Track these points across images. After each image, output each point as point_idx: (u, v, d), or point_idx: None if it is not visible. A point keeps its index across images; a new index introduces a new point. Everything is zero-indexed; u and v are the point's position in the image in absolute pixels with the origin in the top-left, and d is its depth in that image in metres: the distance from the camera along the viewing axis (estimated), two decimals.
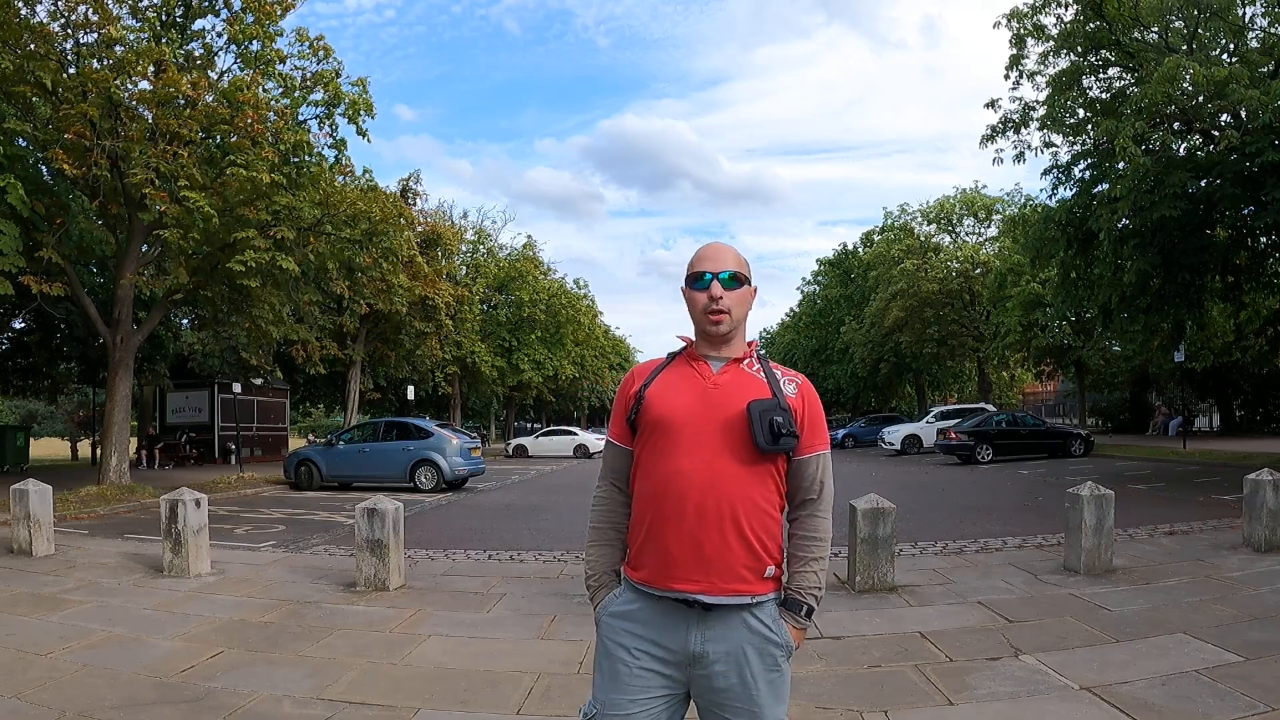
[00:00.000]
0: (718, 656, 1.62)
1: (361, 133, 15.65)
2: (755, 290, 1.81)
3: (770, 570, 1.66)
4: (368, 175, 19.75)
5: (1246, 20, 13.95)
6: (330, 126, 15.41)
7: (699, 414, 1.66)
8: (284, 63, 14.65)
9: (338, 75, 15.06)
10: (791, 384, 1.75)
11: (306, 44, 14.87)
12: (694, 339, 1.81)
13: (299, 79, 14.89)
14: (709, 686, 1.64)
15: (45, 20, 12.38)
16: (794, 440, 1.65)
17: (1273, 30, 13.55)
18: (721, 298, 1.70)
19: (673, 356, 1.81)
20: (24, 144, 13.23)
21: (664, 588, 1.62)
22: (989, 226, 37.43)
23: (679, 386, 1.72)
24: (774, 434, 1.61)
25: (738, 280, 1.74)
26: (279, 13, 14.03)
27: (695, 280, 1.74)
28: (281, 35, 14.55)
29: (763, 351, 1.82)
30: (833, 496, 1.78)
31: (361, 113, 15.31)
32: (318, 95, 15.13)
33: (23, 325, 20.91)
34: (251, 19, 13.87)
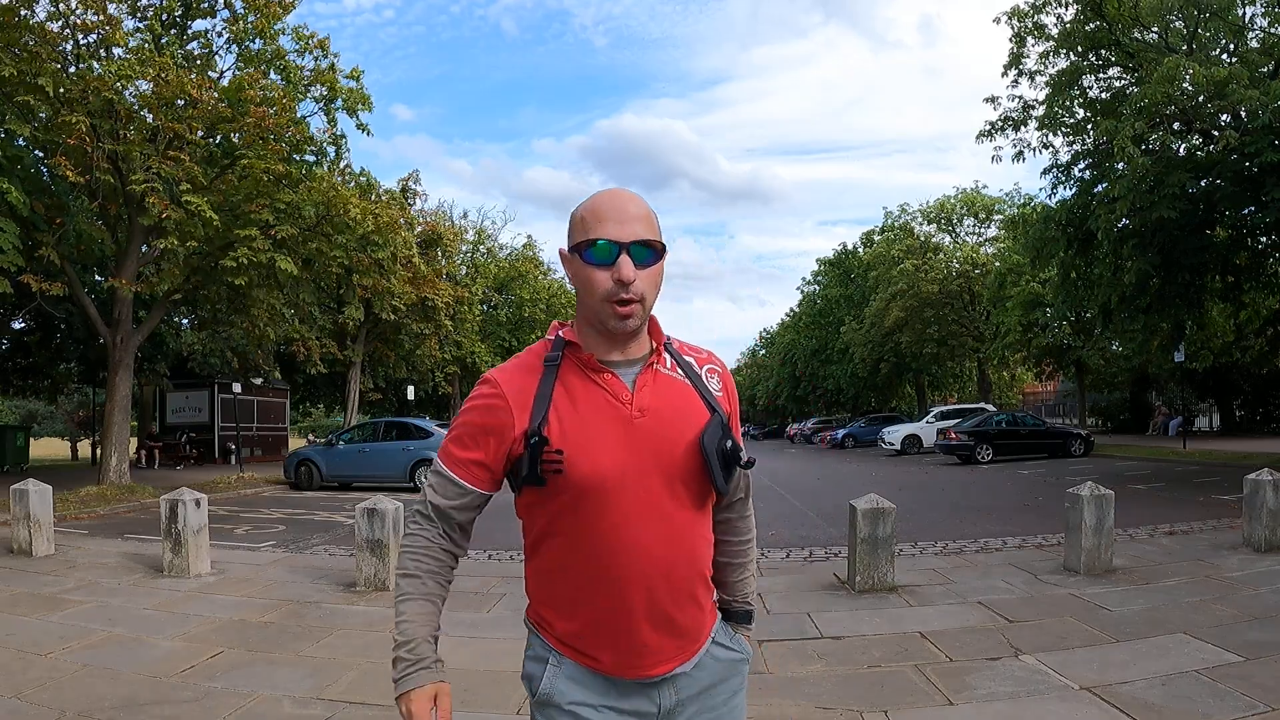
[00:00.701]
0: (691, 699, 1.35)
1: (361, 126, 15.71)
2: (666, 255, 1.30)
3: (715, 596, 1.44)
4: (365, 176, 19.78)
5: (1246, 20, 13.95)
6: (329, 121, 15.45)
7: (634, 464, 1.24)
8: (283, 60, 14.68)
9: (334, 69, 15.09)
10: (713, 375, 1.39)
11: (303, 43, 14.90)
12: (579, 331, 1.32)
13: (300, 75, 14.93)
14: None
15: (44, 20, 12.39)
16: (747, 462, 1.34)
17: (1273, 30, 13.56)
18: (634, 280, 1.21)
19: (553, 365, 1.29)
20: (23, 144, 13.24)
21: (636, 677, 1.30)
22: (989, 226, 37.47)
23: (593, 423, 1.25)
24: (729, 469, 1.29)
25: (652, 250, 1.24)
26: (281, 13, 14.04)
27: (589, 249, 1.22)
28: (283, 34, 14.59)
29: (669, 335, 1.38)
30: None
31: (359, 106, 15.36)
32: (317, 90, 15.17)
33: (23, 325, 20.93)
34: (253, 19, 13.89)
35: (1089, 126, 15.14)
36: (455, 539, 1.40)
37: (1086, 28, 14.39)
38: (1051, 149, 16.05)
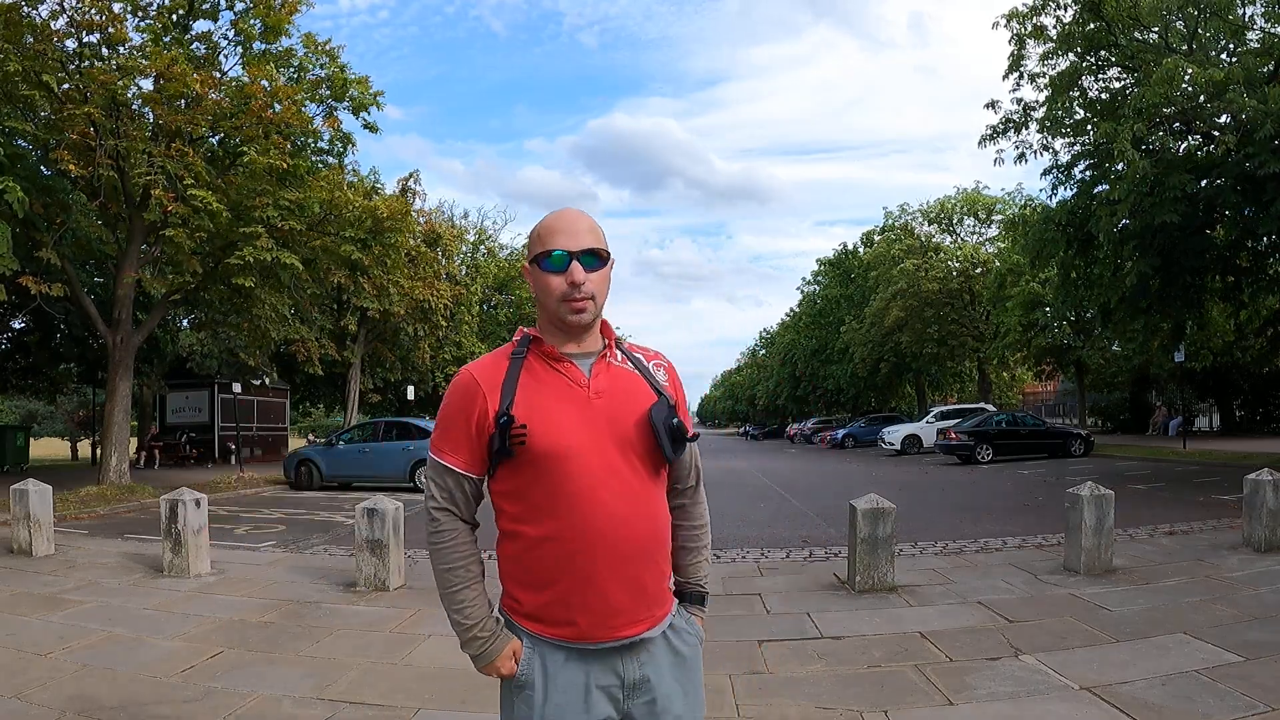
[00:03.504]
0: (655, 675, 1.48)
1: (369, 125, 15.77)
2: (613, 263, 1.53)
3: (673, 579, 1.59)
4: (374, 175, 19.87)
5: (1246, 20, 13.95)
6: (332, 124, 15.48)
7: (591, 436, 1.42)
8: (291, 58, 14.72)
9: (343, 71, 15.17)
10: (659, 369, 1.58)
11: (312, 48, 14.96)
12: (542, 331, 1.53)
13: (308, 78, 15.00)
14: (649, 705, 1.48)
15: (46, 19, 12.39)
16: (691, 437, 1.53)
17: (1273, 30, 13.55)
18: (584, 282, 1.43)
19: (518, 357, 1.49)
20: (23, 144, 13.24)
21: (607, 639, 1.43)
22: (989, 226, 37.46)
23: (554, 403, 1.44)
24: (676, 441, 1.47)
25: (599, 257, 1.46)
26: (287, 16, 14.04)
27: (546, 259, 1.45)
28: (290, 37, 14.62)
29: (619, 340, 1.58)
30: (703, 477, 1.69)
31: (369, 103, 15.44)
32: (324, 91, 15.25)
33: (22, 325, 20.93)
34: (257, 23, 13.91)
35: (1089, 127, 15.13)
36: (469, 518, 1.55)
37: (1086, 28, 14.38)
38: (1052, 150, 16.06)
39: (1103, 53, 14.87)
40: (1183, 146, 14.36)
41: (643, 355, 1.59)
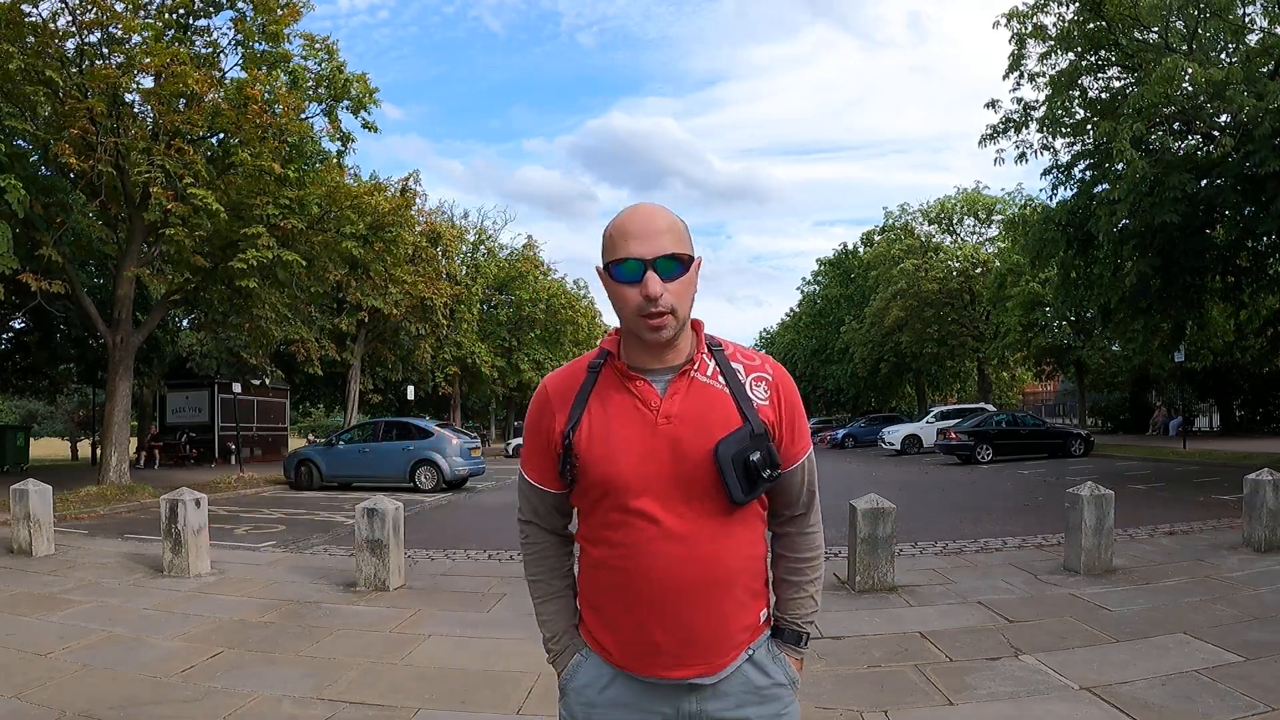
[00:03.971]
0: (719, 714, 1.34)
1: (368, 125, 15.78)
2: (700, 262, 1.33)
3: (764, 614, 1.40)
4: (375, 178, 19.92)
5: (1246, 20, 13.95)
6: (332, 122, 15.50)
7: (652, 467, 1.28)
8: (289, 61, 14.73)
9: (341, 70, 15.18)
10: (760, 382, 1.36)
11: (310, 46, 14.96)
12: (622, 339, 1.36)
13: (308, 78, 15.01)
14: None
15: (47, 19, 12.39)
16: (777, 473, 1.32)
17: (1273, 30, 13.55)
18: (661, 295, 1.24)
19: (596, 369, 1.36)
20: (23, 144, 13.24)
21: (650, 676, 1.32)
22: (990, 226, 37.47)
23: (617, 428, 1.31)
24: (752, 480, 1.28)
25: (679, 262, 1.26)
26: (290, 20, 14.05)
27: (617, 268, 1.26)
28: (292, 39, 14.63)
29: (715, 341, 1.39)
30: (818, 501, 1.48)
31: (367, 101, 15.46)
32: (323, 91, 15.27)
33: (22, 325, 20.93)
34: (261, 22, 13.91)
35: (1089, 127, 15.13)
36: (551, 528, 1.47)
37: (1086, 27, 14.38)
38: (1052, 150, 16.06)
39: (1102, 52, 14.87)
40: (1182, 146, 14.36)
41: (743, 367, 1.37)
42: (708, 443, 1.28)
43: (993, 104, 16.23)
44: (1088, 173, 15.54)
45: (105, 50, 12.95)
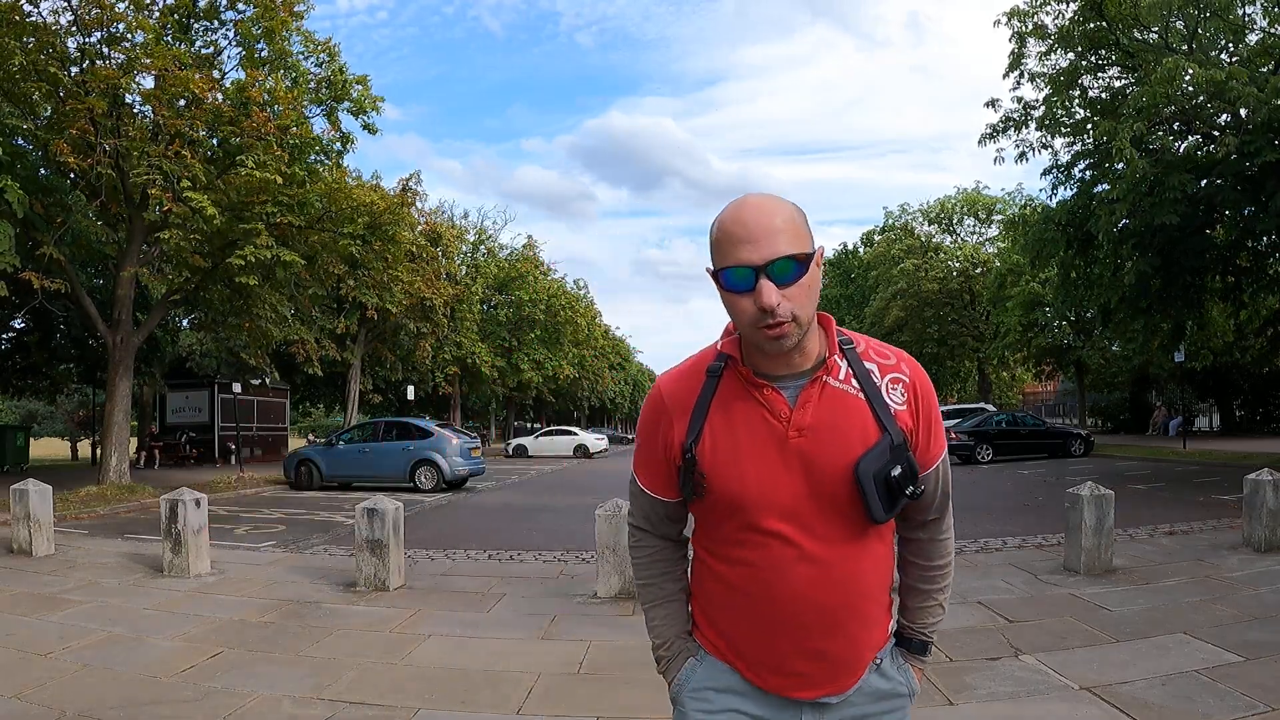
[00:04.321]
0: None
1: (368, 127, 15.80)
2: (822, 252, 1.19)
3: (891, 624, 1.34)
4: (376, 179, 19.97)
5: (1246, 20, 13.95)
6: (332, 123, 15.52)
7: (785, 485, 1.18)
8: (290, 60, 14.75)
9: (342, 71, 15.20)
10: (897, 385, 1.24)
11: (311, 47, 14.98)
12: (743, 341, 1.24)
13: (309, 78, 15.03)
14: None
15: (49, 19, 12.39)
16: (920, 491, 1.21)
17: (1273, 30, 13.55)
18: (779, 304, 1.11)
19: (716, 374, 1.25)
20: (23, 144, 13.24)
21: (772, 692, 1.26)
22: (989, 226, 37.49)
23: (745, 442, 1.20)
24: (894, 498, 1.18)
25: (798, 263, 1.12)
26: (290, 21, 14.06)
27: (727, 275, 1.14)
28: (292, 39, 14.63)
29: (847, 338, 1.27)
30: (951, 503, 1.36)
31: (369, 106, 15.48)
32: (323, 93, 15.29)
33: (22, 325, 20.93)
34: (259, 28, 13.93)
35: (1089, 127, 15.14)
36: (667, 534, 1.39)
37: (1086, 26, 14.38)
38: (1051, 150, 16.07)
39: (1102, 51, 14.88)
40: (1182, 146, 14.37)
41: (878, 367, 1.25)
42: (845, 458, 1.17)
43: (993, 103, 16.24)
44: (1088, 173, 15.55)
45: (106, 49, 12.95)
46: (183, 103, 13.11)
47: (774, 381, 1.20)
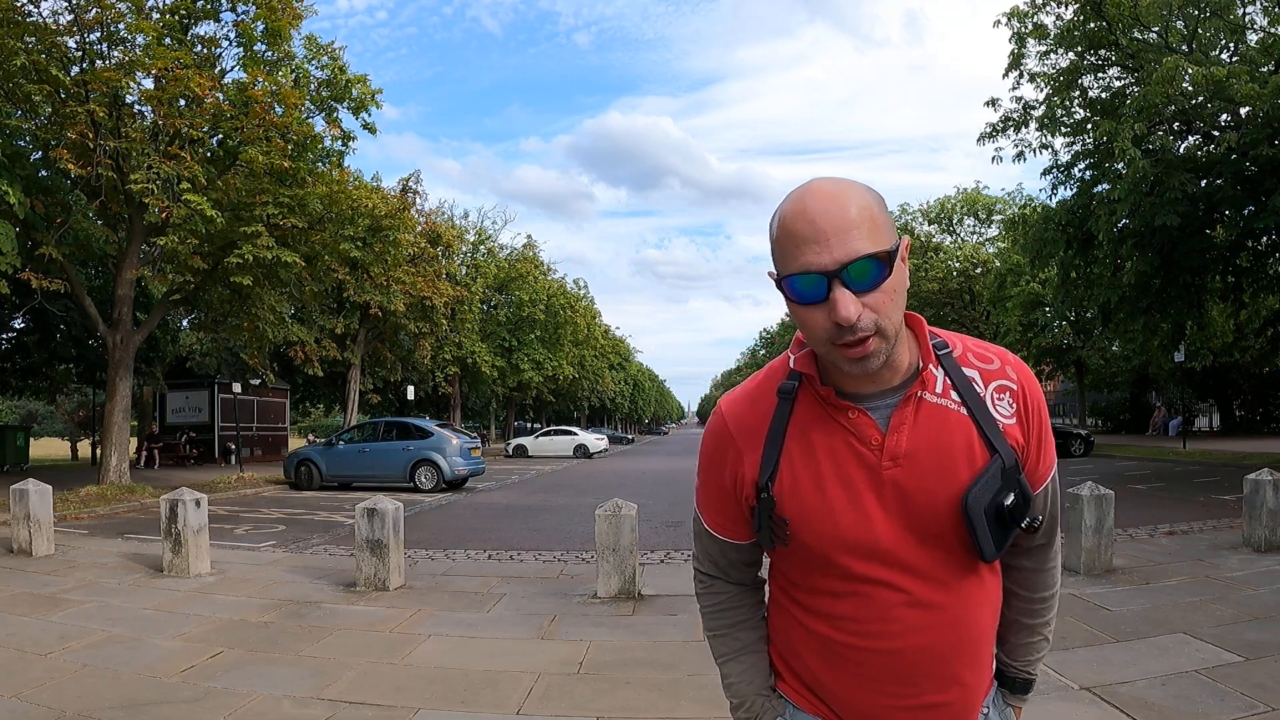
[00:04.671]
0: None
1: (368, 126, 15.81)
2: (907, 244, 0.99)
3: (995, 668, 1.18)
4: (376, 180, 19.99)
5: (1246, 20, 13.96)
6: (330, 122, 15.53)
7: (883, 523, 1.01)
8: (292, 60, 14.76)
9: (343, 71, 15.23)
10: (1004, 394, 1.05)
11: (313, 50, 15.01)
12: (818, 356, 1.04)
13: (310, 80, 15.06)
14: None
15: (49, 19, 12.39)
16: (1037, 521, 1.05)
17: (1273, 30, 13.56)
18: (859, 316, 0.92)
19: (789, 394, 1.06)
20: (23, 144, 13.23)
21: None
22: (990, 226, 37.51)
23: (831, 475, 1.03)
24: (1006, 531, 1.01)
25: (880, 263, 0.92)
26: (293, 22, 14.06)
27: (793, 283, 0.95)
28: (294, 41, 14.65)
29: (941, 340, 1.08)
30: (1059, 526, 1.20)
31: (369, 103, 15.51)
32: (324, 93, 15.32)
33: (22, 325, 20.94)
34: (262, 27, 13.93)
35: (1089, 127, 15.15)
36: (747, 580, 1.22)
37: (1086, 27, 14.40)
38: (1051, 150, 16.08)
39: (1102, 52, 14.89)
40: (1182, 146, 14.39)
41: (979, 374, 1.06)
42: (949, 487, 1.00)
43: (992, 103, 16.25)
44: (1088, 172, 15.57)
45: (106, 48, 12.95)
46: (183, 102, 13.12)
47: (860, 402, 1.03)
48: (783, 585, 1.15)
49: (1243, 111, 12.28)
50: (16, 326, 21.12)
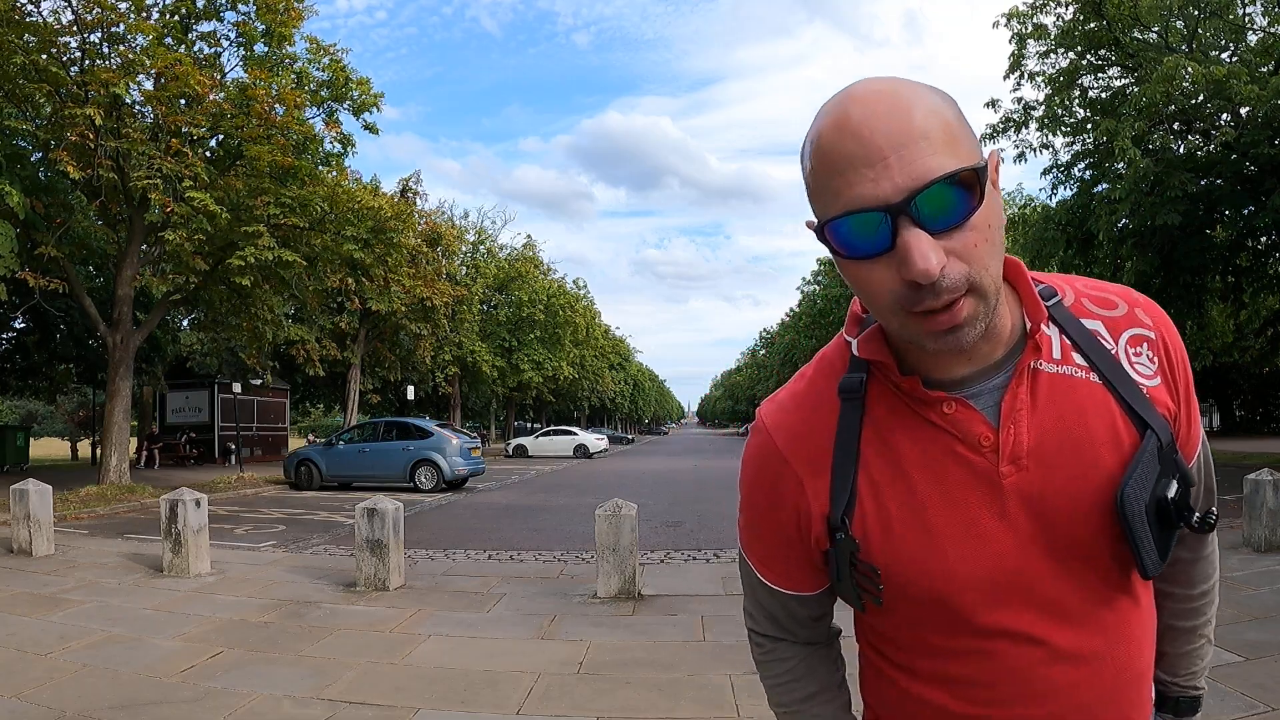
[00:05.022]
0: None
1: (369, 127, 15.83)
2: (997, 160, 0.71)
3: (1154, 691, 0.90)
4: (376, 181, 20.01)
5: (1246, 20, 13.97)
6: (334, 126, 15.55)
7: (1010, 554, 0.74)
8: (294, 61, 14.79)
9: (344, 72, 15.25)
10: (1139, 344, 0.78)
11: (315, 51, 15.04)
12: (885, 335, 0.77)
13: (311, 80, 15.08)
14: None
15: (49, 19, 12.39)
16: (1211, 520, 0.75)
17: (1273, 30, 13.57)
18: (942, 268, 0.64)
19: (854, 392, 0.78)
20: (23, 144, 13.23)
21: None
22: None
23: (929, 495, 0.75)
24: (1171, 530, 0.74)
25: (964, 189, 0.64)
26: (295, 21, 14.07)
27: (844, 229, 0.66)
28: (296, 42, 14.67)
29: (1049, 292, 0.80)
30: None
31: (371, 105, 15.54)
32: (324, 93, 15.34)
33: (22, 325, 20.94)
34: (263, 28, 13.93)
35: (1089, 126, 15.17)
36: (819, 638, 0.95)
37: (1086, 27, 14.41)
38: (1051, 149, 16.11)
39: (1102, 51, 14.90)
40: (1182, 146, 14.40)
41: (1103, 322, 0.79)
42: (1094, 484, 0.73)
43: (993, 103, 16.26)
44: (1088, 172, 15.59)
45: (106, 48, 12.95)
46: (184, 102, 13.12)
47: (956, 389, 0.75)
48: (874, 642, 0.87)
49: (1243, 111, 12.29)
50: (17, 326, 21.13)
